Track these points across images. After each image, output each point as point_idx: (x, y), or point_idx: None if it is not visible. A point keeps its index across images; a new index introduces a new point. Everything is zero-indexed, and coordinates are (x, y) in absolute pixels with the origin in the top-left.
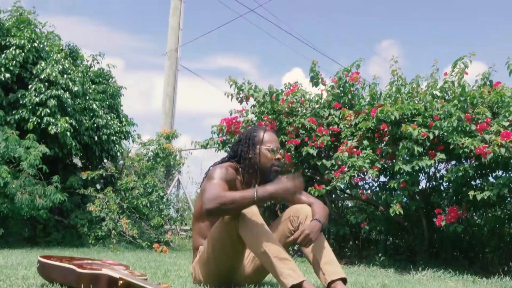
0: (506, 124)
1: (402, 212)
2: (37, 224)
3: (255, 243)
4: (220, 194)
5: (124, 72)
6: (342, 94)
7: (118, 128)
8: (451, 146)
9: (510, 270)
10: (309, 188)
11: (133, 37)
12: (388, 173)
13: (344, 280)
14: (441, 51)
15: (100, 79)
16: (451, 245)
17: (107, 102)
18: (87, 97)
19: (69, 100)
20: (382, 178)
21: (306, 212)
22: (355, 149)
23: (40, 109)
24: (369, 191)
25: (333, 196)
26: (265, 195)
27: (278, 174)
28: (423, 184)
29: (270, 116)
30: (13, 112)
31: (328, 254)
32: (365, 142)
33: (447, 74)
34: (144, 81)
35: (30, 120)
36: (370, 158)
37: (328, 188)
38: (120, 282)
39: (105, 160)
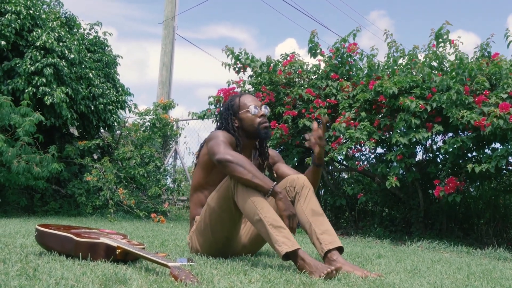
0: (505, 96)
1: (398, 185)
2: (35, 193)
3: (251, 211)
4: (245, 159)
5: (116, 41)
6: (340, 65)
7: (115, 98)
8: (451, 120)
9: (504, 241)
10: (307, 159)
11: (126, 5)
12: (385, 144)
13: (340, 249)
14: (432, 21)
15: (96, 48)
16: (446, 217)
17: (103, 71)
18: (83, 66)
19: (65, 68)
20: (379, 150)
21: (302, 182)
22: (352, 121)
23: (36, 78)
24: (365, 163)
25: (330, 167)
26: (275, 195)
27: (267, 130)
28: (419, 156)
29: (267, 87)
30: (7, 82)
31: (324, 224)
32: (363, 114)
33: (434, 46)
34: (137, 50)
35: (26, 91)
36: (368, 130)
37: (326, 159)
38: (118, 251)
39: (102, 130)
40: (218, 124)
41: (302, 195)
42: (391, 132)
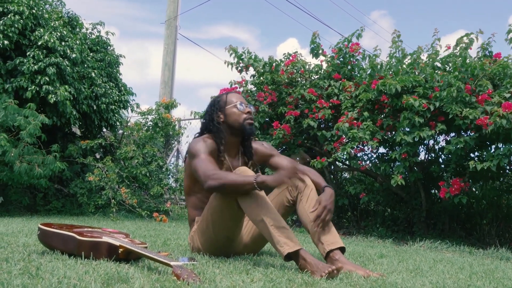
0: (508, 95)
1: (404, 183)
2: (37, 192)
3: (254, 211)
4: (220, 173)
5: (118, 40)
6: (342, 65)
7: (117, 97)
8: (450, 116)
9: (506, 241)
10: (312, 161)
11: (128, 5)
12: (387, 144)
13: (342, 250)
14: (433, 20)
15: (98, 47)
16: (449, 217)
17: (106, 71)
18: (86, 65)
19: (68, 67)
20: (381, 150)
21: (305, 182)
22: (355, 121)
23: (39, 77)
24: (367, 162)
25: (332, 167)
26: (263, 183)
27: (252, 126)
28: (422, 156)
29: (270, 87)
30: (11, 80)
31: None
32: (365, 114)
33: (450, 47)
34: (139, 50)
35: (29, 89)
36: (371, 129)
37: (330, 160)
38: (120, 250)
39: (104, 130)
40: (204, 125)
41: (305, 194)
42: (394, 132)
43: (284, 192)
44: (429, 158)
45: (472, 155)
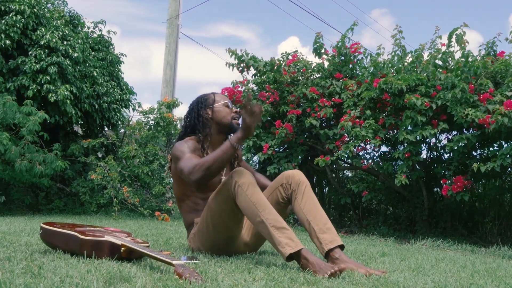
0: (510, 94)
1: (408, 182)
2: (39, 191)
3: (252, 212)
4: (200, 161)
5: (120, 39)
6: (344, 64)
7: (119, 96)
8: (455, 119)
9: (508, 239)
10: (316, 159)
11: (130, 4)
12: (389, 143)
13: (341, 247)
14: (434, 19)
15: (100, 46)
16: (451, 215)
17: (107, 70)
18: (87, 64)
19: (70, 67)
20: (383, 148)
21: (298, 179)
22: (357, 120)
23: (41, 76)
24: (369, 161)
25: (334, 166)
26: (237, 138)
27: (239, 125)
28: (424, 154)
29: (272, 86)
30: (13, 79)
31: (323, 220)
32: (368, 112)
33: (445, 45)
34: (140, 48)
35: (30, 88)
36: (373, 128)
37: (333, 158)
38: (122, 249)
39: (106, 129)
40: (188, 125)
41: (299, 192)
42: (396, 131)
43: (278, 190)
44: (431, 156)
45: (474, 153)
